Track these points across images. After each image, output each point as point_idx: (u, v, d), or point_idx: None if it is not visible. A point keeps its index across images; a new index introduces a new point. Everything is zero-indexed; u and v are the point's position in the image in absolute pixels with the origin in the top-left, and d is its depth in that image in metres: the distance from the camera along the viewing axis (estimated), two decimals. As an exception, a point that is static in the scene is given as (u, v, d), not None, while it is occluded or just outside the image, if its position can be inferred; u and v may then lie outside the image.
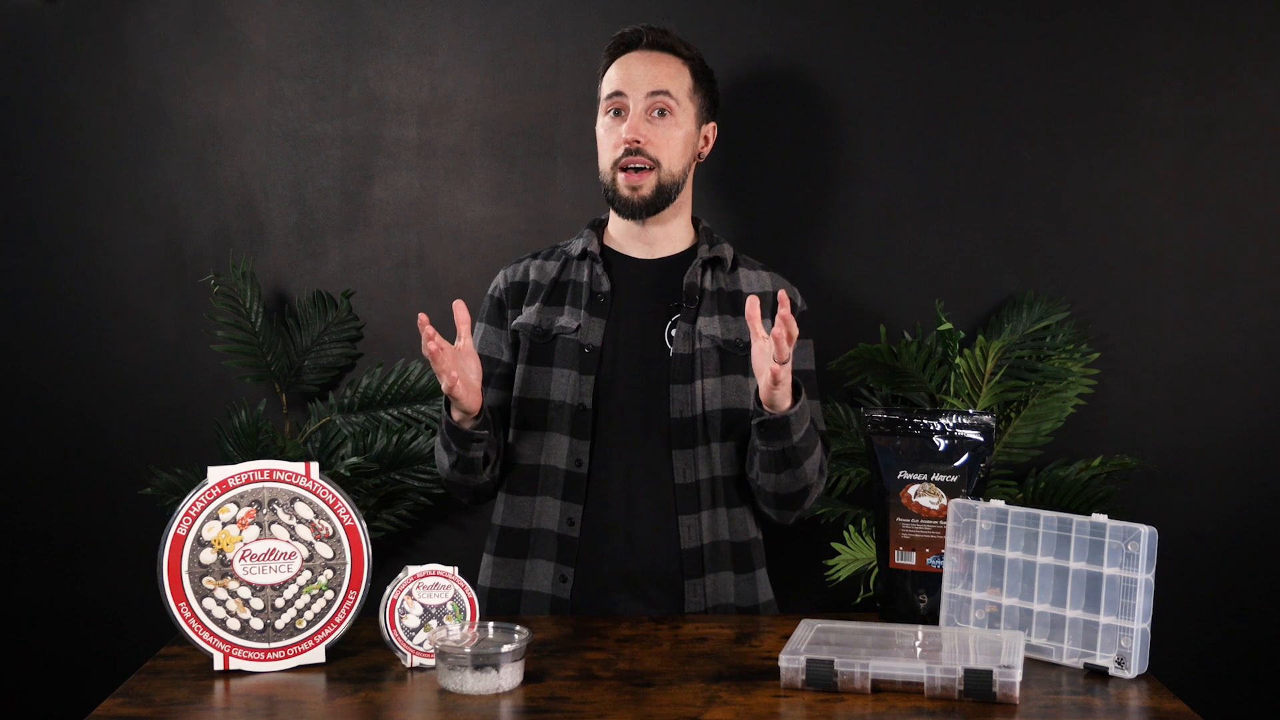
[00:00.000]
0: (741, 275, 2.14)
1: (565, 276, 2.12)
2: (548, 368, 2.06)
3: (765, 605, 2.10)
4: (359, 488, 2.46)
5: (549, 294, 2.10)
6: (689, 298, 2.07)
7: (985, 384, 2.37)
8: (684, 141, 2.08)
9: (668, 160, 2.05)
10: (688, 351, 2.04)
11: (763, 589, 2.11)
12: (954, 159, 2.52)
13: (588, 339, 2.05)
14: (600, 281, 2.09)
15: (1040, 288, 2.51)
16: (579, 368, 2.04)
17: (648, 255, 2.13)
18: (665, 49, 2.09)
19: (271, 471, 1.71)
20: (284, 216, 2.55)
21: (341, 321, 2.54)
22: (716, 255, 2.11)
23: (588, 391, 2.03)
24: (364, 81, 2.54)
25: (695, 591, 2.02)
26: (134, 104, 2.53)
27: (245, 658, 1.69)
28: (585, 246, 2.12)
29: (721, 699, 1.57)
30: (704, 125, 2.14)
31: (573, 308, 2.08)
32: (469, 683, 1.58)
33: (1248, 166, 2.51)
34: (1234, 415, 2.54)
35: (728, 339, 2.05)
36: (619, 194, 2.06)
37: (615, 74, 2.08)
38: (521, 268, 2.16)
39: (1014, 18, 2.50)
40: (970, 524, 1.80)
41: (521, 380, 2.07)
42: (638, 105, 2.05)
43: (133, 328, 2.55)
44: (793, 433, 1.91)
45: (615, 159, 2.05)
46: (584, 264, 2.12)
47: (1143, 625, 1.65)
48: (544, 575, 2.03)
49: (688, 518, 2.02)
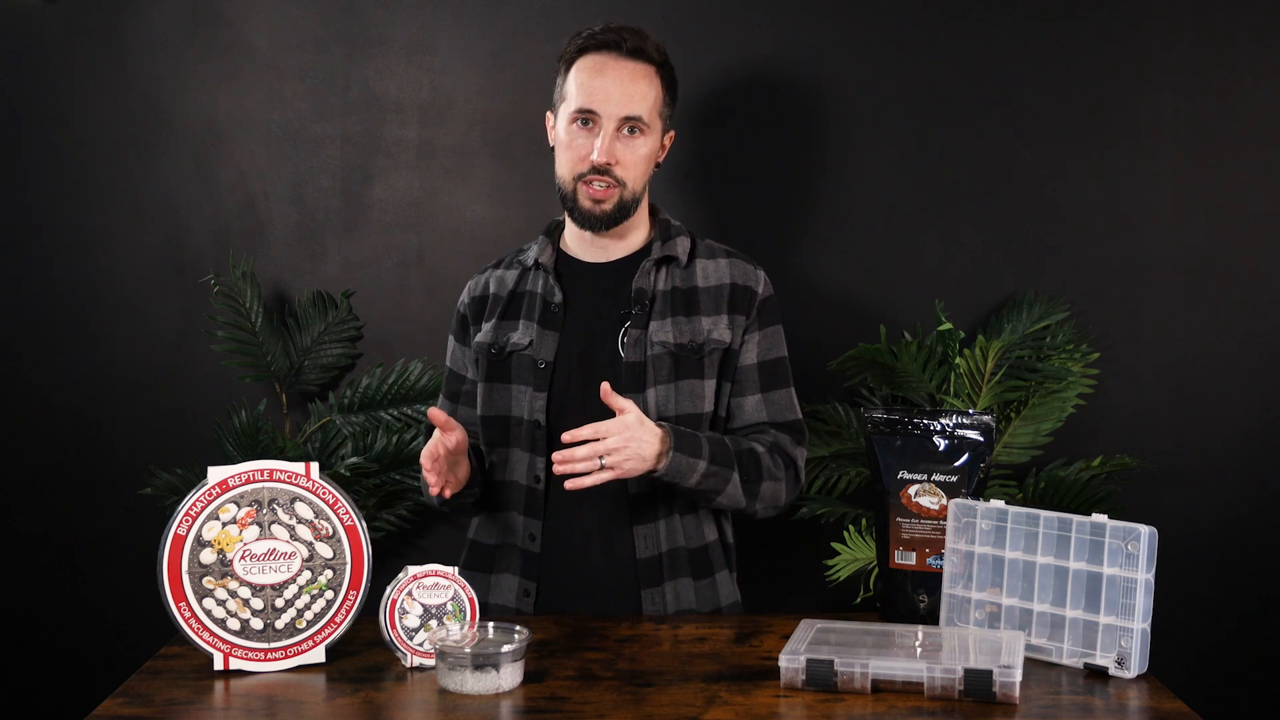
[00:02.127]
0: (698, 268, 2.06)
1: (521, 288, 2.09)
2: (506, 384, 2.04)
3: (729, 608, 2.08)
4: (359, 488, 2.46)
5: (505, 308, 2.08)
6: (638, 303, 2.03)
7: (985, 384, 2.37)
8: (649, 159, 2.02)
9: (633, 180, 2.00)
10: (639, 359, 2.00)
11: (725, 592, 2.07)
12: (954, 159, 2.52)
13: (540, 354, 2.02)
14: (553, 292, 2.05)
15: (1040, 288, 2.51)
16: (533, 384, 2.02)
17: (603, 259, 2.08)
18: (642, 57, 2.00)
19: (271, 471, 1.71)
20: (284, 216, 2.55)
21: (341, 321, 2.54)
22: (668, 254, 2.05)
23: (540, 408, 2.01)
24: (364, 81, 2.54)
25: (653, 600, 2.00)
26: (134, 104, 2.53)
27: (245, 658, 1.69)
28: (538, 257, 2.08)
29: (721, 699, 1.57)
30: (665, 135, 2.08)
31: (526, 321, 2.05)
32: (469, 683, 1.58)
33: (1248, 166, 2.51)
34: (1234, 415, 2.54)
35: (680, 342, 2.01)
36: (580, 206, 2.00)
37: (589, 84, 1.98)
38: (483, 281, 2.13)
39: (1014, 18, 2.50)
40: (970, 524, 1.80)
41: (483, 398, 2.06)
42: (609, 125, 1.97)
43: (133, 328, 2.55)
44: (680, 483, 1.92)
45: (579, 173, 1.99)
46: (538, 274, 2.08)
47: (1143, 625, 1.65)
48: (509, 589, 2.04)
49: (643, 527, 2.00)
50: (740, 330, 2.04)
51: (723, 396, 2.04)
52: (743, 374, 2.05)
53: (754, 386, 2.05)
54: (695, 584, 2.03)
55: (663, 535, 2.01)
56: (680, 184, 2.51)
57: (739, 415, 2.05)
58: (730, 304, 2.04)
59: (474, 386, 2.10)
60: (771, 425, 2.04)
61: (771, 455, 2.00)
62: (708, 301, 2.04)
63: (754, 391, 2.05)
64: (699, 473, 1.92)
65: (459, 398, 2.13)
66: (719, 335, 2.02)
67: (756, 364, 2.05)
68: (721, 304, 2.04)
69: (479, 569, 2.08)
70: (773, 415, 2.05)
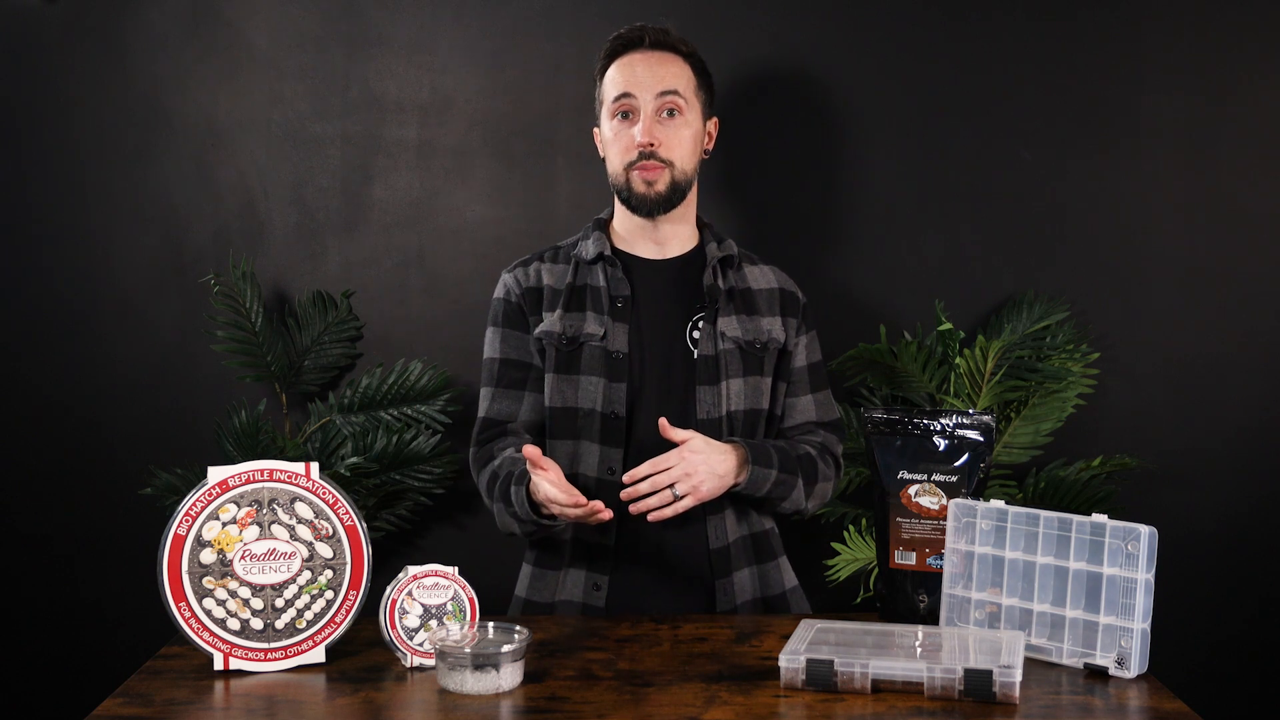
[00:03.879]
0: (748, 272, 2.14)
1: (581, 281, 2.09)
2: (575, 375, 2.03)
3: (792, 590, 2.13)
4: (359, 488, 2.46)
5: (568, 300, 2.07)
6: (711, 298, 2.07)
7: (985, 384, 2.37)
8: (693, 140, 2.07)
9: (680, 159, 2.04)
10: (712, 353, 2.04)
11: (787, 576, 2.14)
12: (954, 159, 2.52)
13: (614, 345, 2.03)
14: (620, 285, 2.07)
15: (1040, 288, 2.51)
16: (608, 375, 2.02)
17: (658, 255, 2.11)
18: (667, 48, 2.06)
19: (271, 471, 1.71)
20: (284, 216, 2.55)
21: (341, 321, 2.54)
22: (726, 254, 2.11)
23: (619, 399, 2.01)
24: (364, 81, 2.54)
25: (725, 591, 2.03)
26: (134, 104, 2.53)
27: (245, 658, 1.69)
28: (599, 250, 2.09)
29: (721, 699, 1.57)
30: (708, 121, 2.12)
31: (595, 313, 2.05)
32: (469, 683, 1.58)
33: (1248, 166, 2.51)
34: (1234, 415, 2.54)
35: (747, 339, 2.07)
36: (634, 190, 2.03)
37: (620, 75, 2.05)
38: (532, 271, 2.11)
39: (1014, 18, 2.50)
40: (970, 524, 1.80)
41: (549, 389, 2.05)
42: (647, 107, 2.02)
43: (133, 328, 2.55)
44: (754, 493, 1.99)
45: (629, 161, 2.03)
46: (598, 268, 2.09)
47: (1143, 625, 1.65)
48: (577, 585, 2.03)
49: (714, 517, 2.03)
50: (793, 332, 2.11)
51: (778, 395, 2.11)
52: (796, 375, 2.13)
53: (805, 388, 2.13)
54: (761, 569, 2.08)
55: (730, 524, 2.05)
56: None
57: (791, 415, 2.12)
58: (782, 307, 2.12)
59: (539, 374, 2.07)
60: (819, 425, 2.13)
61: (822, 457, 2.09)
62: (764, 303, 2.11)
63: (805, 392, 2.13)
64: (771, 481, 1.99)
65: (524, 385, 2.07)
66: (776, 335, 2.09)
67: (806, 366, 2.13)
68: (775, 306, 2.11)
69: (547, 566, 2.07)
70: (820, 415, 2.14)
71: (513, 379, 2.08)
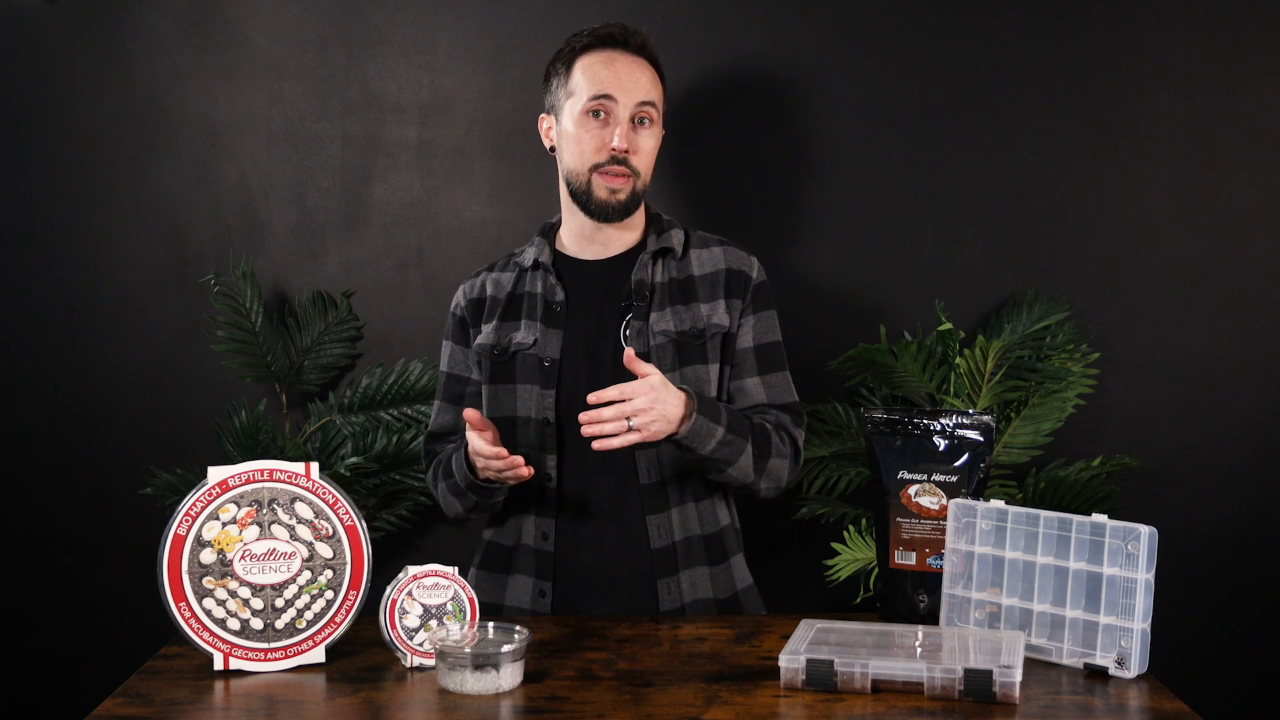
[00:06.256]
0: (693, 258, 2.08)
1: (520, 289, 2.09)
2: (511, 385, 2.05)
3: (744, 591, 2.09)
4: (359, 488, 2.46)
5: (505, 309, 2.08)
6: (639, 295, 2.04)
7: (985, 384, 2.37)
8: (655, 151, 2.05)
9: (645, 170, 2.03)
10: (642, 350, 2.01)
11: (739, 576, 2.09)
12: (954, 159, 2.52)
13: (546, 352, 2.03)
14: (554, 291, 2.06)
15: (1040, 288, 2.51)
16: (540, 382, 2.02)
17: (601, 256, 2.09)
18: (647, 56, 2.04)
19: (271, 471, 1.71)
20: (284, 216, 2.55)
21: (341, 321, 2.54)
22: (664, 246, 2.07)
23: (549, 405, 2.01)
24: (364, 81, 2.54)
25: (669, 590, 2.01)
26: (134, 104, 2.53)
27: (245, 658, 1.69)
28: (536, 256, 2.08)
29: (721, 699, 1.57)
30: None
31: (529, 321, 2.06)
32: (469, 683, 1.58)
33: (1248, 166, 2.51)
34: (1234, 415, 2.54)
35: (681, 330, 2.02)
36: (595, 195, 2.01)
37: (601, 73, 2.00)
38: (479, 283, 2.13)
39: (1014, 18, 2.50)
40: (970, 524, 1.80)
41: (488, 399, 2.07)
42: (625, 112, 1.99)
43: (133, 328, 2.55)
44: (698, 449, 1.91)
45: (596, 163, 2.00)
46: (537, 274, 2.09)
47: (1143, 625, 1.65)
48: (524, 590, 2.04)
49: (656, 517, 2.01)
50: (737, 314, 2.06)
51: (725, 380, 2.06)
52: (740, 357, 2.07)
53: (751, 369, 2.07)
54: (711, 570, 2.04)
55: (675, 524, 2.02)
56: (679, 183, 2.51)
57: (740, 398, 2.07)
58: (726, 289, 2.06)
59: (478, 388, 2.10)
60: (772, 407, 2.06)
61: (777, 433, 2.02)
62: (704, 288, 2.06)
63: (752, 374, 2.07)
64: (716, 438, 1.92)
65: (462, 400, 2.12)
66: (718, 320, 2.04)
67: (753, 347, 2.07)
68: (718, 289, 2.06)
69: (494, 569, 2.08)
70: (772, 397, 2.07)
71: (453, 393, 2.14)
